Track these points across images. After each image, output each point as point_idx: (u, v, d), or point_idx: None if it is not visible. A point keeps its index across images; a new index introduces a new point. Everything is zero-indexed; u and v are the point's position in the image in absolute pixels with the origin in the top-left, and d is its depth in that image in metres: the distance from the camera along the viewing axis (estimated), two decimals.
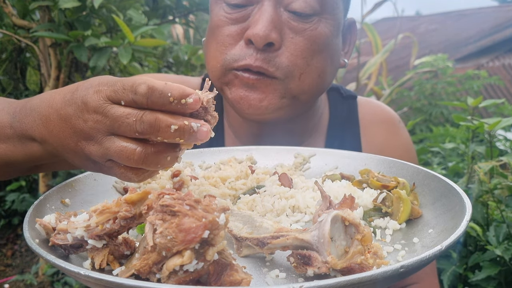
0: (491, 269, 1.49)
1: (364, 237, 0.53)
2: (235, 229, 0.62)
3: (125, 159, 0.62)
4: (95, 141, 0.64)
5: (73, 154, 0.67)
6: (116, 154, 0.63)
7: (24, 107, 0.74)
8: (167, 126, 0.60)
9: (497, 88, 7.39)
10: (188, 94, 0.61)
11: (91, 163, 0.68)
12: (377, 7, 4.37)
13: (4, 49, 2.66)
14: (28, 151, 0.74)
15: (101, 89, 0.63)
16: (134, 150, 0.62)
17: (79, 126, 0.64)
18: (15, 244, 3.52)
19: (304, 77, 1.00)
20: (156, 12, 2.48)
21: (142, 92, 0.60)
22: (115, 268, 0.54)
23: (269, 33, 0.94)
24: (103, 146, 0.63)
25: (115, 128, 0.62)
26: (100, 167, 0.68)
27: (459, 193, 0.67)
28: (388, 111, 1.28)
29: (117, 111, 0.62)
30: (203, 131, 0.62)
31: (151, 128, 0.60)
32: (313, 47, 0.99)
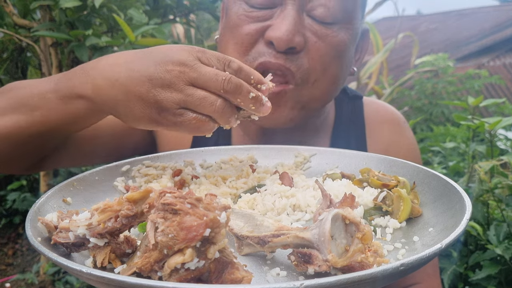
0: (492, 268, 1.49)
1: (365, 236, 0.54)
2: (236, 228, 0.63)
3: (207, 105, 0.73)
4: (174, 89, 0.73)
5: (137, 102, 0.75)
6: (199, 101, 0.73)
7: (71, 71, 0.84)
8: (248, 92, 0.74)
9: (498, 87, 7.39)
10: (263, 82, 0.77)
11: (154, 111, 0.75)
12: (377, 7, 4.38)
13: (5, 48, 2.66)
14: (70, 110, 0.82)
15: (193, 50, 0.75)
16: (216, 99, 0.73)
17: (159, 74, 0.73)
18: (16, 243, 3.53)
19: (317, 84, 1.00)
20: (157, 11, 2.48)
21: (234, 67, 0.75)
22: (117, 266, 0.55)
23: (292, 37, 0.93)
24: (184, 92, 0.73)
25: (200, 81, 0.73)
26: (164, 116, 0.75)
27: (459, 192, 0.68)
28: (393, 112, 1.28)
29: (207, 69, 0.74)
30: (267, 106, 0.77)
31: (236, 88, 0.73)
32: (333, 53, 0.99)
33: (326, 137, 1.21)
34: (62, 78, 0.84)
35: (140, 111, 0.75)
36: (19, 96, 0.87)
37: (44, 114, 0.83)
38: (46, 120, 0.83)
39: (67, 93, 0.81)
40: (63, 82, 0.83)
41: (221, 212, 0.49)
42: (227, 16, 1.05)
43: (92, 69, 0.80)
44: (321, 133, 1.21)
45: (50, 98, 0.82)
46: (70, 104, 0.81)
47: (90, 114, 0.83)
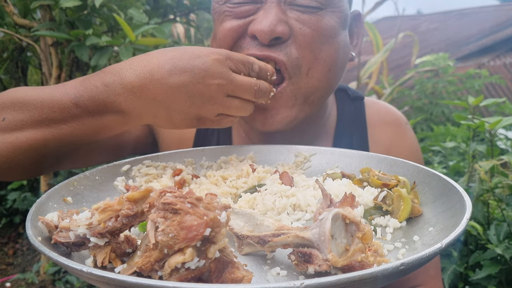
0: (492, 267, 1.49)
1: (365, 235, 0.54)
2: (236, 227, 0.63)
3: (242, 112, 0.87)
4: (214, 102, 0.83)
5: (178, 114, 0.84)
6: (236, 110, 0.86)
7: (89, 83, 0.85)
8: (270, 93, 0.91)
9: (498, 87, 7.39)
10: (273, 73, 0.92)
11: (195, 121, 0.86)
12: (377, 6, 4.37)
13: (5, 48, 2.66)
14: (103, 123, 0.85)
15: (222, 59, 0.83)
16: (249, 105, 0.88)
17: (199, 90, 0.81)
18: (17, 243, 3.53)
19: (312, 72, 0.98)
20: (157, 11, 2.48)
21: (256, 70, 0.88)
22: (117, 265, 0.55)
23: (274, 28, 0.92)
24: (224, 104, 0.84)
25: (237, 92, 0.84)
26: (203, 122, 0.87)
27: (459, 191, 0.68)
28: (395, 113, 1.27)
29: (240, 79, 0.84)
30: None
31: (265, 95, 0.89)
32: (321, 39, 0.97)
33: (329, 139, 1.21)
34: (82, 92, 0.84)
35: (179, 120, 0.84)
36: (37, 109, 0.86)
37: (74, 127, 0.85)
38: (76, 132, 0.86)
39: (96, 109, 0.83)
40: (85, 97, 0.83)
41: (222, 211, 0.49)
42: (213, 18, 1.06)
43: (120, 85, 0.82)
44: (323, 135, 1.21)
45: (76, 113, 0.84)
46: (102, 119, 0.85)
47: (125, 125, 0.87)
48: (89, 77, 0.86)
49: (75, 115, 0.84)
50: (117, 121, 0.86)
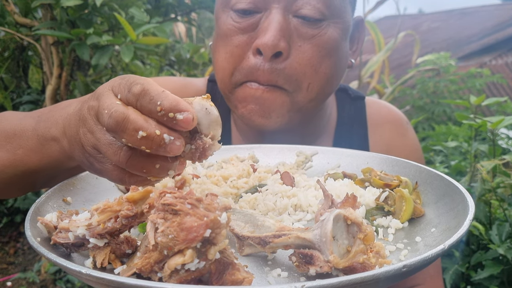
0: (494, 268, 1.48)
1: (367, 236, 0.53)
2: (237, 228, 0.62)
3: (111, 155, 0.59)
4: (87, 128, 0.63)
5: (76, 144, 0.67)
6: (105, 147, 0.60)
7: (54, 106, 0.81)
8: (134, 130, 0.56)
9: (500, 86, 7.37)
10: (180, 109, 0.56)
11: (85, 157, 0.66)
12: (379, 5, 4.36)
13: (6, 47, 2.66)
14: (47, 152, 0.77)
15: (114, 80, 0.63)
16: (121, 146, 0.59)
17: (82, 112, 0.64)
18: (18, 242, 3.53)
19: (312, 86, 1.00)
20: (158, 10, 2.47)
21: (134, 92, 0.58)
22: (117, 266, 0.54)
23: (278, 42, 0.93)
24: (95, 135, 0.61)
25: (100, 119, 0.60)
26: (92, 163, 0.65)
27: (462, 192, 0.67)
28: (396, 112, 1.28)
29: (105, 100, 0.59)
30: (174, 146, 0.57)
31: (116, 125, 0.56)
32: (322, 53, 0.98)
33: (329, 138, 1.21)
34: (43, 115, 0.80)
35: (79, 156, 0.68)
36: (5, 131, 0.83)
37: (25, 154, 0.79)
38: (27, 160, 0.79)
39: (43, 134, 0.77)
40: (43, 120, 0.79)
41: (222, 212, 0.49)
42: (217, 25, 1.06)
43: (60, 109, 0.77)
44: (324, 134, 1.21)
45: (29, 137, 0.79)
46: (46, 146, 0.77)
47: (64, 159, 0.76)
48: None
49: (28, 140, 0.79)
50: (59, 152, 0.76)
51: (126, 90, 0.59)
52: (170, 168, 0.61)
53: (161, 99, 0.56)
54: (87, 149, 0.63)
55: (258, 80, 0.97)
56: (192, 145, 0.61)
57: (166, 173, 0.61)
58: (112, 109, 0.57)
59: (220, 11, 1.03)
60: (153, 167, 0.60)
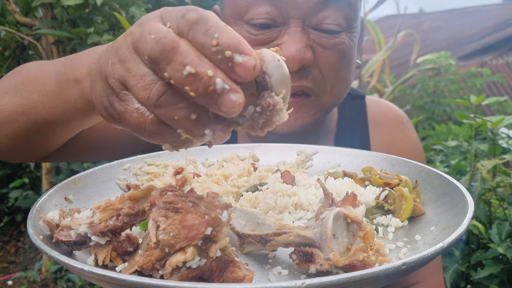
0: (494, 267, 1.49)
1: (366, 235, 0.53)
2: (237, 226, 0.63)
3: (140, 88, 0.47)
4: (119, 57, 0.50)
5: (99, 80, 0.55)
6: (134, 79, 0.48)
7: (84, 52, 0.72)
8: (182, 64, 0.44)
9: (500, 85, 7.37)
10: (241, 50, 0.44)
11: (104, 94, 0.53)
12: (379, 5, 4.36)
13: (7, 46, 2.66)
14: (64, 97, 0.70)
15: (163, 8, 0.52)
16: (156, 80, 0.46)
17: (117, 41, 0.53)
18: (19, 241, 3.54)
19: (335, 90, 1.03)
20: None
21: (189, 18, 0.46)
22: (118, 264, 0.55)
23: (303, 55, 0.94)
24: (126, 65, 0.49)
25: (140, 46, 0.48)
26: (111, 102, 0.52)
27: (462, 191, 0.67)
28: (396, 111, 1.29)
29: (151, 25, 0.48)
30: (228, 99, 0.44)
31: (161, 54, 0.45)
32: (342, 59, 1.01)
33: (330, 137, 1.22)
34: (69, 58, 0.74)
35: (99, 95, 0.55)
36: (24, 77, 0.79)
37: (40, 100, 0.74)
38: (40, 107, 0.74)
39: (64, 76, 0.70)
40: (68, 62, 0.72)
41: (223, 210, 0.49)
42: None
43: (92, 50, 0.70)
44: (325, 134, 1.21)
45: (48, 81, 0.74)
46: (64, 88, 0.70)
47: (81, 106, 0.69)
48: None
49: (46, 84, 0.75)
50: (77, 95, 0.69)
51: (179, 16, 0.47)
52: (209, 126, 0.47)
53: (219, 32, 0.44)
54: (111, 82, 0.51)
55: None
56: (256, 106, 0.47)
57: (201, 132, 0.47)
58: (161, 35, 0.46)
59: (231, 23, 1.00)
60: (187, 116, 0.46)
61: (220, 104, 0.44)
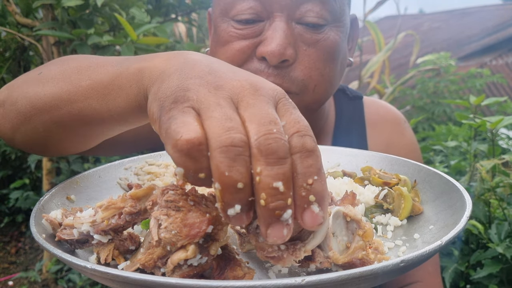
0: (493, 266, 1.49)
1: (366, 233, 0.54)
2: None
3: (220, 126, 0.45)
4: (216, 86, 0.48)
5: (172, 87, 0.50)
6: (219, 114, 0.46)
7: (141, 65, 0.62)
8: (277, 176, 0.43)
9: (500, 86, 7.37)
10: (322, 204, 0.46)
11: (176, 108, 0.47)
12: (379, 5, 4.37)
13: (7, 47, 2.67)
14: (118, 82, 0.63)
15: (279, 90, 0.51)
16: (239, 133, 0.44)
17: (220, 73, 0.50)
18: (19, 242, 3.54)
19: (318, 88, 1.01)
20: (158, 10, 2.48)
21: (306, 146, 0.46)
22: (120, 262, 0.55)
23: (284, 50, 0.93)
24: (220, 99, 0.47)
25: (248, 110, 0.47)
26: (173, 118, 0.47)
27: (460, 190, 0.68)
28: (393, 111, 1.29)
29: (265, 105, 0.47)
30: (280, 228, 0.44)
31: (272, 151, 0.44)
32: (325, 56, 0.99)
33: (328, 138, 1.22)
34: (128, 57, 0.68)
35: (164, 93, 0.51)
36: (72, 65, 0.73)
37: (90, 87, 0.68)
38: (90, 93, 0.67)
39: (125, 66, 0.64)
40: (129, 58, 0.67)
41: None
42: (216, 33, 1.04)
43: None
44: (322, 135, 1.21)
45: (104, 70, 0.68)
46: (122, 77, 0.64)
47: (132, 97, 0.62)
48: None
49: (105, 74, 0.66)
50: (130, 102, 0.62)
51: (296, 128, 0.47)
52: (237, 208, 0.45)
53: (319, 175, 0.46)
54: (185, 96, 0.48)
55: None
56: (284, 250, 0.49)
57: (230, 205, 0.45)
58: (277, 134, 0.45)
59: (219, 20, 1.02)
60: (235, 184, 0.44)
61: (271, 225, 0.44)
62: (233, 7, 0.97)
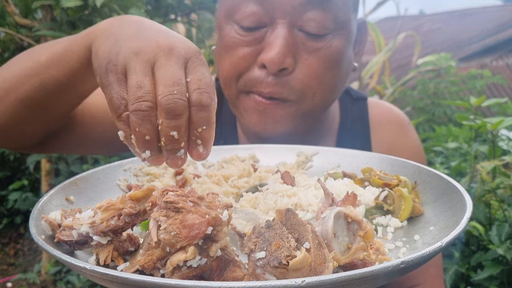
0: (493, 268, 1.49)
1: (367, 234, 0.54)
2: (238, 226, 0.63)
3: (135, 92, 0.58)
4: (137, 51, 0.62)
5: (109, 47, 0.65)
6: (136, 80, 0.59)
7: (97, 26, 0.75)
8: (175, 127, 0.58)
9: (501, 87, 7.38)
10: (207, 146, 0.62)
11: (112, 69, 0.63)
12: (379, 6, 4.38)
13: (6, 48, 2.67)
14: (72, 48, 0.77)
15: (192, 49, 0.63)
16: (151, 99, 0.58)
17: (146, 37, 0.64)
18: (18, 243, 3.54)
19: (316, 95, 1.01)
20: (158, 11, 2.48)
21: (202, 102, 0.59)
22: (120, 264, 0.55)
23: (283, 59, 0.93)
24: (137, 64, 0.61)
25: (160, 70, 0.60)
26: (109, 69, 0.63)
27: (460, 191, 0.68)
28: (398, 113, 1.29)
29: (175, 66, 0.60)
30: (175, 159, 0.61)
31: (173, 108, 0.57)
32: (326, 65, 0.99)
33: (332, 139, 1.22)
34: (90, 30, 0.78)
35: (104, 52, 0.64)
36: (32, 49, 0.87)
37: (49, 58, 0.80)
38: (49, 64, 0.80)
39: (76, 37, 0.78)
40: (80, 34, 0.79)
41: (223, 210, 0.49)
42: (220, 34, 1.04)
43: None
44: (327, 135, 1.21)
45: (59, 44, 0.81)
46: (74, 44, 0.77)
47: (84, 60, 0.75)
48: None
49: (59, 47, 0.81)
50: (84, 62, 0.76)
51: (196, 87, 0.59)
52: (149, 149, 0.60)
53: (208, 125, 0.60)
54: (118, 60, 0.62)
55: (261, 92, 0.98)
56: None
57: (142, 149, 0.60)
58: (177, 92, 0.58)
59: (223, 22, 1.02)
60: (143, 136, 0.59)
61: (169, 157, 0.61)
62: (237, 11, 0.98)
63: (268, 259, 0.47)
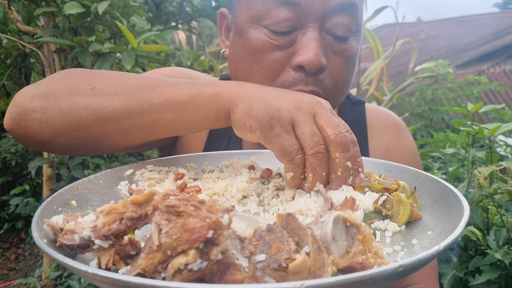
0: (491, 273, 1.49)
1: (365, 238, 0.55)
2: (238, 230, 0.64)
3: (308, 139, 0.76)
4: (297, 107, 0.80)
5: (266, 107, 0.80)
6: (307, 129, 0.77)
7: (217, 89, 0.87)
8: (354, 155, 0.79)
9: (498, 93, 7.41)
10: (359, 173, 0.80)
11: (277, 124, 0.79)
12: (377, 13, 4.40)
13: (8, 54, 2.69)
14: (196, 102, 0.86)
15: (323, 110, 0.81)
16: (321, 139, 0.78)
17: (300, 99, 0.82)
18: (19, 248, 3.53)
19: (339, 93, 1.06)
20: (159, 18, 2.50)
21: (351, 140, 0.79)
22: (121, 267, 0.56)
23: (321, 59, 0.96)
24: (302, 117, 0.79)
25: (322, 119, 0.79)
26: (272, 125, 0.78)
27: (458, 196, 0.69)
28: (394, 117, 1.32)
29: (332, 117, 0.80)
30: (361, 178, 0.80)
31: (346, 143, 0.78)
32: (348, 64, 1.03)
33: None
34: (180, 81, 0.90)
35: (258, 112, 0.79)
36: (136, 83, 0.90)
37: (165, 105, 0.87)
38: (164, 108, 0.87)
39: (200, 89, 0.86)
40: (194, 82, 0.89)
41: (224, 214, 0.50)
42: (243, 39, 1.03)
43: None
44: None
45: (175, 90, 0.87)
46: (197, 98, 0.86)
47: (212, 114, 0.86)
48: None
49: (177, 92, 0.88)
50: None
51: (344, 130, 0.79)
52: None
53: (360, 156, 0.80)
54: (282, 116, 0.78)
55: (303, 90, 0.99)
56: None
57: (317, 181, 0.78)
58: (344, 131, 0.78)
59: (248, 26, 1.01)
60: (321, 173, 0.78)
61: (341, 185, 0.79)
62: (267, 16, 0.98)
63: (268, 261, 0.48)
